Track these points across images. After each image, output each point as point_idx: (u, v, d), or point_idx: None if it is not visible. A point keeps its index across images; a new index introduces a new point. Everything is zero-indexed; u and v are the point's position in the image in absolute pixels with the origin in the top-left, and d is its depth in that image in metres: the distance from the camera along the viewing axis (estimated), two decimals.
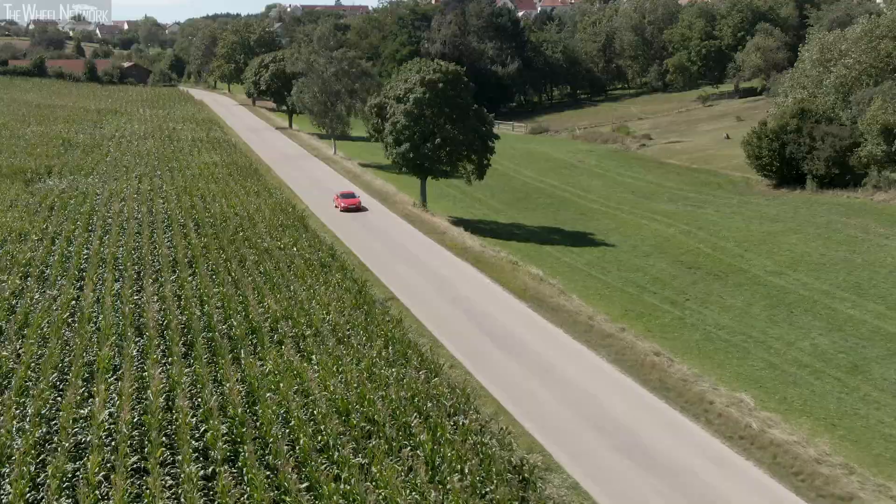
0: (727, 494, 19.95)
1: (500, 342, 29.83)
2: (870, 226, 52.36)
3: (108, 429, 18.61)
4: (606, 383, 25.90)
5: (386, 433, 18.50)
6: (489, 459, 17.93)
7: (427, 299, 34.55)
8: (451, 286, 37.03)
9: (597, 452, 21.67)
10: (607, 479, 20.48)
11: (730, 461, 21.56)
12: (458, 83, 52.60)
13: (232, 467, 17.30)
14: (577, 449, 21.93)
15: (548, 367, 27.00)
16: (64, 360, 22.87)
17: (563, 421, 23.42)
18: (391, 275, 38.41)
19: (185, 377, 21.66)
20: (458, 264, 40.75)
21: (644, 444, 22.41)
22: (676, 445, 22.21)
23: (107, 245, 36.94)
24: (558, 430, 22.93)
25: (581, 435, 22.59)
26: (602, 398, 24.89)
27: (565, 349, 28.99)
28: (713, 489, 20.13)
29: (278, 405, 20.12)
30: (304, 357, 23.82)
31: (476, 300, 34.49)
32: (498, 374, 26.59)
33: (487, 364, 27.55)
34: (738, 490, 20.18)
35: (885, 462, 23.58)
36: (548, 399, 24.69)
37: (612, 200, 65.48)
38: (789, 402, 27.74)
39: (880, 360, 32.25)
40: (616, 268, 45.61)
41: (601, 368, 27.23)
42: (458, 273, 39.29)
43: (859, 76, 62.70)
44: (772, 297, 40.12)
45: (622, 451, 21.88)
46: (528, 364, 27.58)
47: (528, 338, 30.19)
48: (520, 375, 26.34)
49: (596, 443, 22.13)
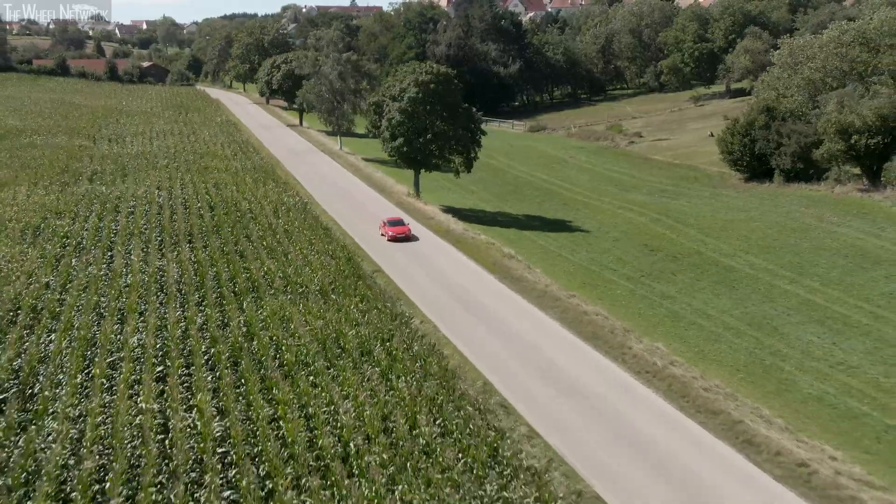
0: (625, 411, 25.12)
1: (465, 304, 35.12)
2: (825, 215, 57.11)
3: (135, 350, 24.16)
4: (545, 333, 31.13)
5: (353, 355, 23.87)
6: (427, 369, 23.27)
7: (408, 272, 39.90)
8: (429, 261, 42.37)
9: (525, 381, 26.89)
10: (533, 400, 25.66)
11: (633, 388, 26.74)
12: (449, 84, 57.85)
13: (233, 372, 22.82)
14: (510, 377, 27.17)
15: (499, 321, 32.30)
16: (100, 305, 28.49)
17: (502, 358, 28.72)
18: (379, 252, 43.78)
19: (198, 318, 27.17)
20: (439, 244, 46.07)
21: (567, 376, 27.61)
22: (593, 378, 27.38)
23: (133, 222, 42.72)
24: (498, 364, 28.20)
25: (514, 368, 27.84)
26: (539, 343, 30.15)
27: (517, 308, 34.26)
28: (613, 407, 25.30)
29: (270, 338, 25.58)
30: (295, 305, 29.33)
31: (449, 272, 39.83)
32: (458, 327, 31.90)
33: (452, 320, 32.84)
34: (634, 408, 25.33)
35: (770, 395, 28.62)
36: (494, 343, 29.98)
37: (595, 192, 70.59)
38: (705, 354, 32.82)
39: (799, 325, 37.19)
40: (585, 250, 50.75)
41: (543, 322, 32.47)
42: (439, 251, 44.63)
43: (824, 78, 67.33)
44: (719, 275, 45.10)
45: (548, 381, 27.09)
46: (484, 319, 32.87)
47: (488, 301, 35.47)
48: (475, 326, 31.65)
49: (525, 373, 27.37)
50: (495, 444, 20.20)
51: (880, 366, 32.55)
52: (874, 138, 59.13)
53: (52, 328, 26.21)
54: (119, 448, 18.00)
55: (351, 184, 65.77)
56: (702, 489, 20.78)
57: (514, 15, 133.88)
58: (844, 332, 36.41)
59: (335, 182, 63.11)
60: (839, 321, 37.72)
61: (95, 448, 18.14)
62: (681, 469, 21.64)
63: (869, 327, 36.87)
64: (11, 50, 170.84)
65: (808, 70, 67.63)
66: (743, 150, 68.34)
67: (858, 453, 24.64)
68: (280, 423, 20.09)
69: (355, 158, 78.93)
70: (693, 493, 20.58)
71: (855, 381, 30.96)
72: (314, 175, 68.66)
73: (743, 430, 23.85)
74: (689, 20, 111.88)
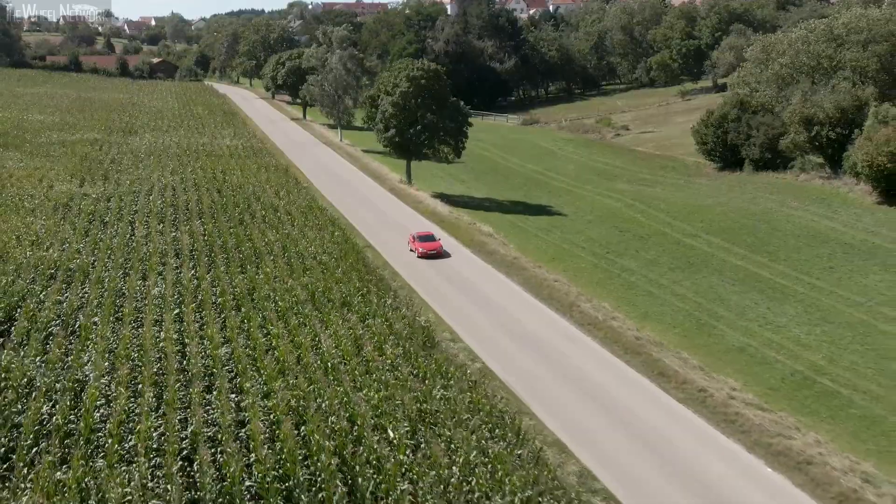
0: (564, 352, 29.96)
1: (438, 270, 40.05)
2: (786, 200, 61.78)
3: (156, 299, 29.20)
4: (508, 294, 36.05)
5: (336, 304, 28.84)
6: (401, 315, 28.23)
7: (392, 245, 44.82)
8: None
9: (487, 332, 31.79)
10: (491, 346, 30.55)
11: (577, 337, 31.58)
12: (438, 80, 62.66)
13: (237, 314, 27.83)
14: (475, 329, 32.07)
15: (469, 284, 37.24)
16: (125, 266, 33.57)
17: (468, 313, 33.65)
18: (370, 230, 48.71)
19: (207, 277, 32.17)
20: (424, 223, 50.91)
21: (523, 328, 32.48)
22: (545, 330, 32.23)
23: (151, 201, 47.90)
24: (466, 319, 33.11)
25: (479, 321, 32.74)
26: (502, 302, 35.04)
27: (486, 275, 39.18)
28: (558, 350, 30.15)
29: (268, 291, 30.62)
30: (290, 268, 34.35)
31: None
32: (431, 288, 36.92)
33: (426, 283, 37.86)
34: (572, 350, 30.17)
35: (696, 346, 33.29)
36: (464, 302, 34.90)
37: (578, 181, 75.33)
38: (648, 314, 37.54)
39: (741, 293, 41.79)
40: (560, 231, 55.52)
41: (508, 286, 37.38)
42: (423, 229, 49.46)
43: (793, 73, 71.76)
44: (678, 252, 49.80)
45: (505, 331, 31.98)
46: (456, 283, 37.82)
47: (462, 268, 40.41)
48: (446, 288, 36.61)
49: (489, 326, 32.28)
50: (443, 362, 25.32)
51: (805, 326, 37.27)
52: (835, 129, 63.73)
53: (86, 283, 31.25)
54: (146, 362, 22.99)
55: (347, 171, 70.73)
56: (619, 407, 25.59)
57: (510, 12, 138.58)
58: (780, 299, 41.10)
59: (333, 170, 68.08)
60: (778, 291, 42.43)
61: (128, 363, 23.12)
62: (604, 393, 26.47)
63: (804, 296, 41.58)
64: (25, 46, 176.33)
65: (778, 65, 72.06)
66: (716, 142, 73.00)
67: (760, 388, 29.38)
68: (275, 351, 25.03)
69: (354, 149, 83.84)
70: (610, 408, 25.41)
71: (777, 337, 35.69)
72: (314, 163, 73.59)
73: (660, 367, 28.67)
74: (677, 18, 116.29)
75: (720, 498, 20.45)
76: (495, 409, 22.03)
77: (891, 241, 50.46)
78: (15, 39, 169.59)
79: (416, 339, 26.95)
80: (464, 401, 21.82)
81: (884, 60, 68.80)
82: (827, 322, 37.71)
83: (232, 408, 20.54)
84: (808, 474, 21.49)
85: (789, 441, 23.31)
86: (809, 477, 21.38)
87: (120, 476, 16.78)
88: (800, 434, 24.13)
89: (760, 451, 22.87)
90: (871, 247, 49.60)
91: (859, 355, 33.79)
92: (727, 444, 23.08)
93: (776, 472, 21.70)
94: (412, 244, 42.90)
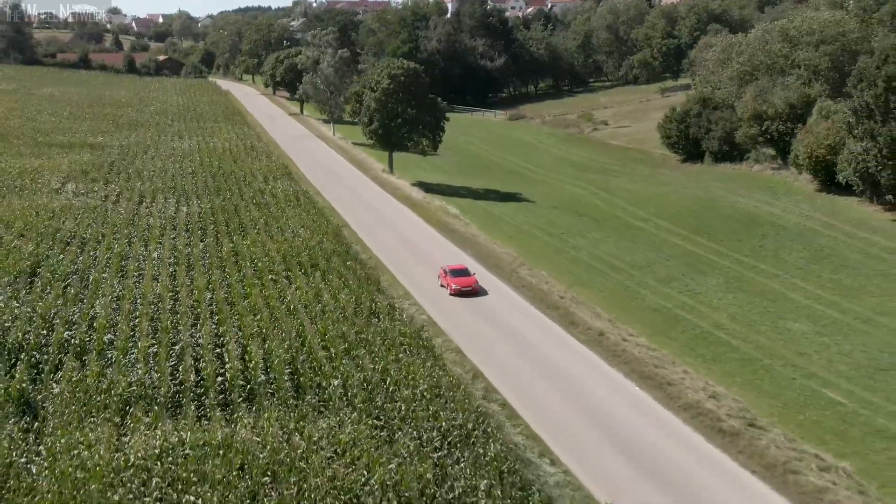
0: (497, 307, 35.73)
1: (403, 243, 45.94)
2: (736, 189, 67.38)
3: (156, 261, 35.27)
4: (458, 261, 41.90)
5: (303, 265, 34.92)
6: (358, 271, 34.29)
7: (365, 223, 50.81)
8: (385, 217, 53.17)
9: (433, 288, 37.65)
10: (431, 298, 36.34)
11: (508, 294, 37.38)
12: (417, 77, 68.39)
13: (222, 272, 33.98)
14: (422, 285, 37.98)
15: (425, 254, 43.12)
16: (131, 235, 39.74)
17: (417, 273, 39.60)
18: (351, 215, 54.47)
19: (200, 245, 38.18)
20: (397, 206, 56.84)
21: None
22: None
23: (153, 185, 54.04)
24: (414, 278, 39.04)
25: (426, 280, 38.65)
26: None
27: (443, 246, 45.12)
28: (488, 304, 35.93)
29: (249, 256, 36.68)
30: (270, 237, 40.45)
31: (398, 224, 50.75)
32: (393, 256, 42.86)
33: (390, 252, 43.72)
34: (504, 306, 35.93)
35: (615, 305, 38.88)
36: (416, 266, 40.84)
37: (553, 172, 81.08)
38: (582, 281, 43.16)
39: (672, 267, 47.33)
40: (524, 215, 61.23)
41: (460, 256, 43.19)
42: (396, 211, 55.47)
43: (751, 72, 77.20)
44: (627, 233, 55.44)
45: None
46: (412, 251, 43.82)
47: (423, 241, 46.33)
48: (406, 255, 42.53)
49: (436, 284, 38.11)
50: (385, 306, 31.42)
51: (721, 293, 42.84)
52: (784, 124, 69.21)
53: (97, 249, 37.30)
54: (146, 304, 28.90)
55: (335, 161, 76.66)
56: (527, 344, 31.35)
57: (500, 12, 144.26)
58: (706, 272, 46.68)
59: (321, 160, 74.03)
60: (706, 264, 48.06)
61: (129, 306, 29.04)
62: (517, 333, 32.37)
63: (728, 269, 47.19)
64: (37, 44, 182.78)
65: (738, 64, 77.53)
66: (679, 136, 78.63)
67: (659, 337, 34.95)
68: (248, 299, 31.05)
69: (345, 142, 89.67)
70: (522, 345, 31.17)
71: (692, 302, 41.27)
72: (305, 154, 79.51)
73: (572, 318, 34.39)
74: (658, 18, 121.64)
75: (593, 407, 26.16)
76: (420, 336, 27.92)
77: (820, 224, 56.10)
78: (27, 37, 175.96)
79: (367, 289, 32.96)
80: (394, 330, 27.66)
81: (834, 59, 74.10)
82: (742, 291, 43.28)
83: (212, 333, 26.40)
84: (665, 391, 27.19)
85: (661, 370, 28.98)
86: (666, 393, 27.08)
87: (125, 375, 22.62)
88: (673, 366, 29.81)
89: (635, 376, 28.56)
90: (801, 229, 55.21)
91: (759, 315, 39.39)
92: (609, 370, 28.80)
93: (641, 389, 27.43)
94: (443, 279, 37.99)
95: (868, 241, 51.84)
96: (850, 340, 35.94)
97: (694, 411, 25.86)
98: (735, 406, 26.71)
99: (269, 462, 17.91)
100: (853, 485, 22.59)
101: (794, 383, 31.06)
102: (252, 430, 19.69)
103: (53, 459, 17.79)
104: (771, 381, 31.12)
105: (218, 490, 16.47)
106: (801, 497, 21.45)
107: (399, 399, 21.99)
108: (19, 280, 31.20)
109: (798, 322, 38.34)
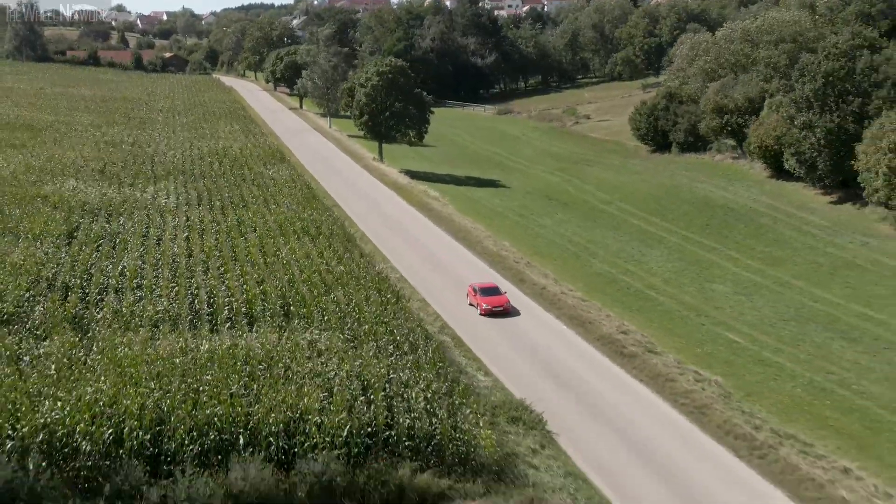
0: (459, 269, 42.18)
1: (384, 220, 52.47)
2: (697, 177, 73.70)
3: (172, 229, 41.97)
4: (433, 235, 48.54)
5: (297, 231, 41.69)
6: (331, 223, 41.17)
7: (352, 203, 57.36)
8: (371, 199, 59.69)
9: (405, 253, 44.20)
10: (398, 255, 42.90)
11: (471, 260, 43.81)
12: (403, 74, 74.88)
13: (228, 237, 40.71)
14: (394, 250, 44.51)
15: (402, 228, 49.73)
16: (149, 208, 46.43)
17: (394, 242, 46.07)
18: (340, 196, 60.95)
19: (209, 216, 44.83)
20: (383, 189, 63.38)
21: (431, 253, 44.77)
22: (448, 254, 44.46)
23: (165, 167, 60.82)
24: (388, 242, 45.68)
25: (400, 246, 45.23)
26: (425, 240, 47.46)
27: (420, 224, 51.67)
28: (452, 266, 42.38)
29: (250, 224, 43.39)
30: (268, 210, 47.19)
31: (382, 204, 57.31)
32: (373, 228, 49.51)
33: (371, 227, 50.28)
34: (463, 268, 42.39)
35: (562, 269, 45.25)
36: (392, 237, 47.47)
37: (532, 162, 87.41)
38: (540, 251, 49.46)
39: (625, 242, 53.27)
40: (500, 199, 67.59)
41: (435, 232, 49.81)
42: (380, 194, 61.99)
43: (716, 68, 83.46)
44: (591, 214, 61.74)
45: (417, 254, 44.31)
46: (390, 226, 50.44)
47: (404, 219, 52.87)
48: (385, 229, 49.22)
49: (408, 249, 44.73)
50: (359, 258, 38.01)
51: (661, 262, 49.06)
52: (743, 116, 75.45)
53: (121, 221, 43.96)
54: (166, 259, 35.69)
55: (330, 151, 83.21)
56: None
57: (490, 12, 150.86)
58: (654, 245, 52.89)
59: (317, 149, 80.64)
60: (656, 240, 54.26)
61: (153, 260, 35.78)
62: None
63: (673, 244, 53.43)
64: (47, 42, 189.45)
65: (703, 61, 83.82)
66: (648, 128, 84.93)
67: (595, 293, 41.20)
68: (248, 259, 37.69)
69: (340, 134, 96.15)
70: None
71: (634, 268, 47.51)
72: (303, 145, 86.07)
73: (521, 276, 40.83)
74: (640, 17, 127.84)
75: (524, 336, 32.65)
76: (383, 278, 34.71)
77: (765, 206, 62.43)
78: (39, 35, 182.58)
79: (350, 249, 39.65)
80: (366, 277, 34.35)
81: (792, 57, 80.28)
82: (681, 260, 49.50)
83: (220, 279, 33.09)
84: (586, 328, 33.64)
85: (587, 314, 35.40)
86: (585, 329, 33.54)
87: (153, 305, 29.25)
88: (598, 311, 36.23)
89: (564, 318, 35.02)
90: (748, 210, 61.49)
91: (690, 279, 45.65)
92: (541, 313, 35.29)
93: (567, 326, 33.92)
94: (472, 298, 36.12)
95: (804, 221, 58.06)
96: (765, 299, 42.10)
97: (605, 341, 32.31)
98: (641, 339, 33.12)
99: (264, 357, 24.38)
100: (720, 391, 28.98)
101: (703, 328, 37.38)
102: (252, 341, 26.22)
103: (103, 354, 24.26)
104: (683, 325, 37.45)
105: (223, 371, 22.93)
106: (672, 397, 27.87)
107: (365, 322, 28.51)
108: (60, 240, 37.77)
109: (723, 285, 44.47)
